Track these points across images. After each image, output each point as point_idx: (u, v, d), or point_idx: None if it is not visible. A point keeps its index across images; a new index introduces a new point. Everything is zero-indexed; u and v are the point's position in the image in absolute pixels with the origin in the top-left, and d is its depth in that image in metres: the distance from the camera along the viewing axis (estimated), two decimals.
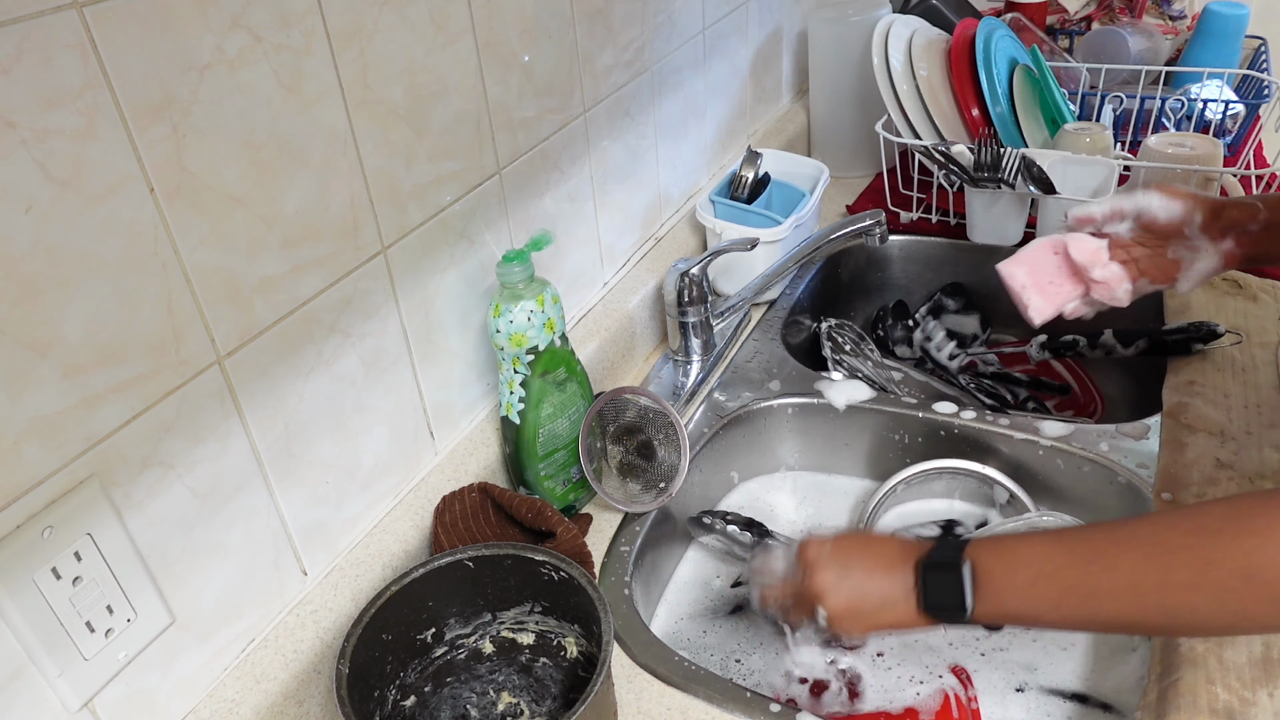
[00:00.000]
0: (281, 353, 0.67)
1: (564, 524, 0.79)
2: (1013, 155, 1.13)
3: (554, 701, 0.75)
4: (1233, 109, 1.37)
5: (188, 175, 0.57)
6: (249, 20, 0.59)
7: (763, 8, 1.39)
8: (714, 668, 0.84)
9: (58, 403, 0.53)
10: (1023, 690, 0.79)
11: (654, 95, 1.11)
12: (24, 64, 0.48)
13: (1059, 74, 1.38)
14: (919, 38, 1.28)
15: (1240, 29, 1.52)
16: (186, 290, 0.59)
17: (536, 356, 0.82)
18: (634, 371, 1.09)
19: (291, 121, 0.64)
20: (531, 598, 0.75)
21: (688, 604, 0.91)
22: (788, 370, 1.06)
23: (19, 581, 0.52)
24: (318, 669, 0.69)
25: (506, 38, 0.83)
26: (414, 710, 0.73)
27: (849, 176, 1.51)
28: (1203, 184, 1.13)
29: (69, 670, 0.55)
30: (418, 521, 0.80)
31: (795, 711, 0.69)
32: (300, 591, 0.72)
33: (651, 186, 1.15)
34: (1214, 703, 0.64)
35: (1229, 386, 0.94)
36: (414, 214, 0.77)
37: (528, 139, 0.89)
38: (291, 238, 0.65)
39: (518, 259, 0.80)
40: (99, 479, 0.55)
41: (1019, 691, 0.79)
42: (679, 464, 0.87)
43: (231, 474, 0.64)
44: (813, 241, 1.04)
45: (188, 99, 0.56)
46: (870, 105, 1.36)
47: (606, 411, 0.89)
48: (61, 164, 0.51)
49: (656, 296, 1.10)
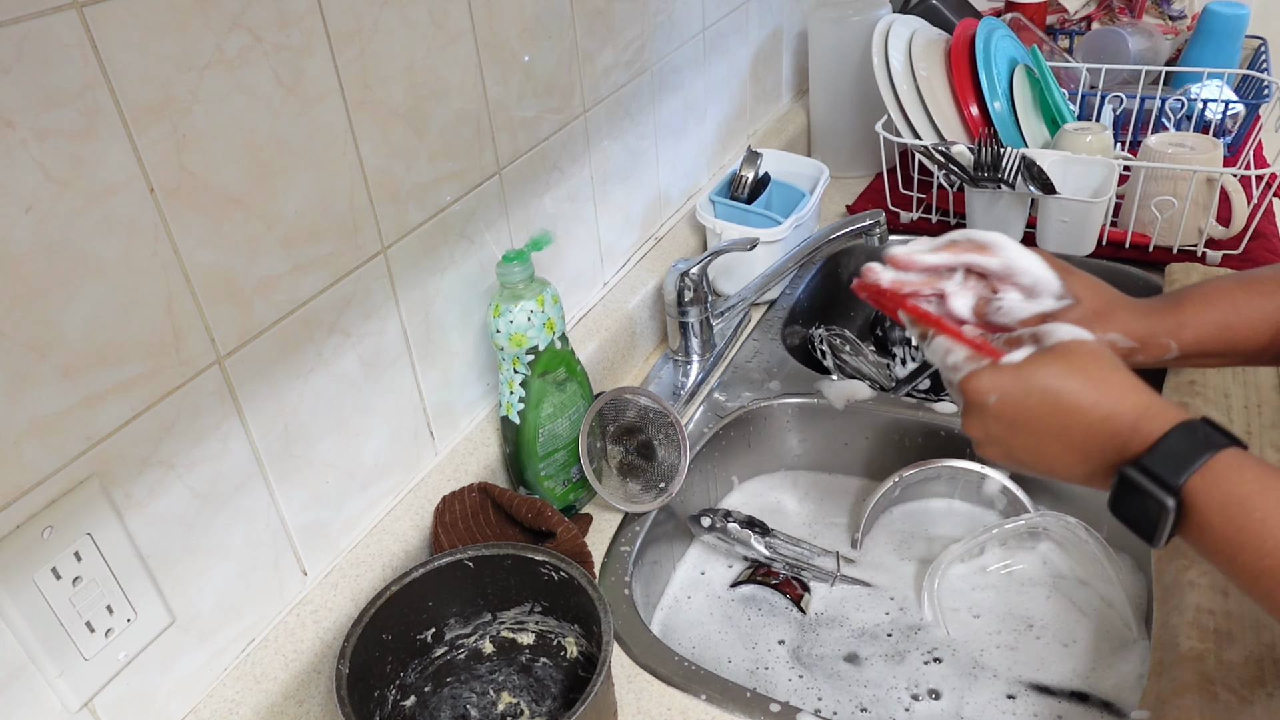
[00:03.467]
0: (281, 353, 0.67)
1: (564, 524, 0.79)
2: (1013, 155, 1.13)
3: (554, 701, 0.75)
4: (1233, 109, 1.37)
5: (188, 175, 0.57)
6: (249, 20, 0.59)
7: (763, 8, 1.39)
8: (714, 668, 0.84)
9: (58, 403, 0.53)
10: (1022, 688, 0.79)
11: (654, 95, 1.11)
12: (24, 64, 0.48)
13: (1059, 74, 1.38)
14: (919, 38, 1.28)
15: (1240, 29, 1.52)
16: (186, 290, 0.59)
17: (536, 356, 0.82)
18: (634, 371, 1.09)
19: (291, 121, 0.64)
20: (531, 598, 0.75)
21: (688, 604, 0.91)
22: (788, 370, 1.06)
23: (19, 581, 0.52)
24: (318, 669, 0.69)
25: (506, 38, 0.83)
26: (414, 710, 0.73)
27: (849, 176, 1.51)
28: (1203, 184, 1.13)
29: (69, 670, 0.55)
30: (418, 521, 0.80)
31: (795, 711, 0.69)
32: (300, 591, 0.72)
33: (651, 186, 1.15)
34: (1214, 702, 0.64)
35: (1229, 386, 0.94)
36: (414, 214, 0.77)
37: (528, 139, 0.89)
38: (291, 238, 0.65)
39: (518, 259, 0.80)
40: (99, 479, 0.55)
41: (1019, 689, 0.79)
42: (679, 464, 0.87)
43: (231, 474, 0.64)
44: (813, 241, 1.04)
45: (188, 99, 0.56)
46: (870, 105, 1.36)
47: (606, 411, 0.89)
48: (61, 164, 0.51)
49: (656, 296, 1.10)
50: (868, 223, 1.02)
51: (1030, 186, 1.13)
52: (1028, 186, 1.14)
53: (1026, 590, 0.88)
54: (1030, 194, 1.15)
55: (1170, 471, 0.51)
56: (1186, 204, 1.13)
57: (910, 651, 0.84)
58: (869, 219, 1.02)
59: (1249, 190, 1.18)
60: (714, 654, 0.86)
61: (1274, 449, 0.85)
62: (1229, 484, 0.50)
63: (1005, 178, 1.14)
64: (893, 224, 1.31)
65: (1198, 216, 1.15)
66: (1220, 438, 0.52)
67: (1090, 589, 0.86)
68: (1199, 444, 0.51)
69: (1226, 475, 0.50)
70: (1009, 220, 1.20)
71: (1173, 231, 1.17)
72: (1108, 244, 1.19)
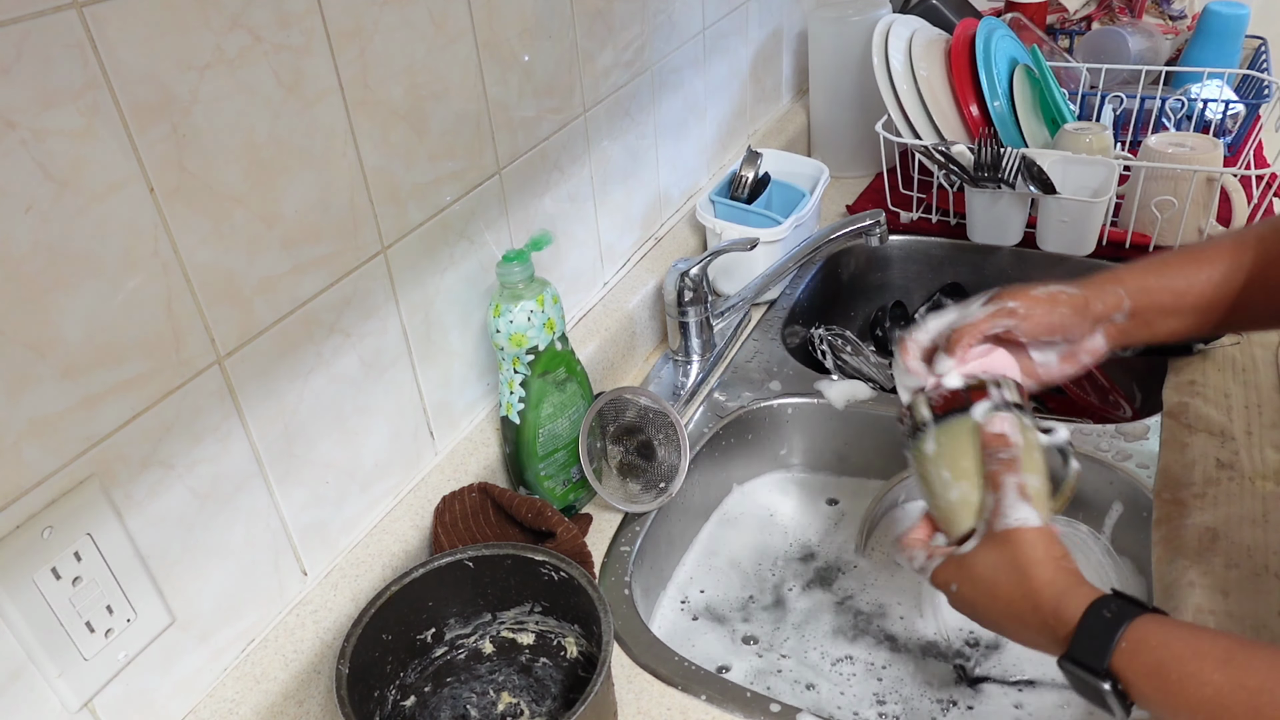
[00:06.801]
0: (281, 353, 0.67)
1: (564, 524, 0.79)
2: (1013, 155, 1.13)
3: (554, 701, 0.75)
4: (1233, 109, 1.37)
5: (188, 175, 0.57)
6: (249, 20, 0.59)
7: (763, 8, 1.39)
8: (714, 668, 0.84)
9: (58, 403, 0.53)
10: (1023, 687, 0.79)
11: (654, 95, 1.11)
12: (24, 64, 0.48)
13: (1059, 74, 1.38)
14: (919, 38, 1.28)
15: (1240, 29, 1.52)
16: (186, 290, 0.59)
17: (536, 356, 0.82)
18: (634, 371, 1.09)
19: (291, 121, 0.64)
20: (531, 598, 0.75)
21: (689, 604, 0.91)
22: (788, 370, 1.06)
23: (19, 581, 0.52)
24: (318, 669, 0.69)
25: (506, 38, 0.83)
26: (414, 710, 0.73)
27: (849, 176, 1.51)
28: (1203, 184, 1.13)
29: (69, 670, 0.55)
30: (418, 521, 0.80)
31: (795, 711, 0.69)
32: (300, 591, 0.72)
33: (651, 186, 1.15)
34: None
35: (1229, 386, 0.94)
36: (414, 214, 0.77)
37: (528, 139, 0.89)
38: (291, 238, 0.65)
39: (518, 259, 0.80)
40: (99, 479, 0.55)
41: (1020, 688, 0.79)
42: (679, 464, 0.87)
43: (231, 474, 0.64)
44: (813, 241, 1.04)
45: (188, 99, 0.56)
46: (870, 105, 1.36)
47: (606, 411, 0.89)
48: (61, 164, 0.51)
49: (656, 296, 1.10)
50: (868, 223, 1.02)
51: (1030, 186, 1.13)
52: (1028, 186, 1.14)
53: None
54: (1030, 194, 1.15)
55: (1094, 657, 0.54)
56: (1187, 204, 1.13)
57: (913, 652, 0.84)
58: (869, 219, 1.02)
59: (1249, 190, 1.18)
60: (715, 654, 0.86)
61: (1274, 449, 0.85)
62: (1145, 656, 0.53)
63: (1005, 178, 1.14)
64: (893, 224, 1.31)
65: (1198, 216, 1.15)
66: (1129, 609, 0.55)
67: None
68: (1110, 623, 0.55)
69: (1142, 648, 0.53)
70: (1009, 220, 1.20)
71: (1173, 231, 1.17)
72: (1108, 244, 1.19)
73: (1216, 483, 0.82)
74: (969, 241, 1.26)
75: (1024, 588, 0.59)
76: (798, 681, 0.83)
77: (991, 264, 1.28)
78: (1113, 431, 0.92)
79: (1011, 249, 1.25)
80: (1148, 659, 0.53)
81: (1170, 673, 0.52)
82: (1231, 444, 0.86)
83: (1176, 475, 0.84)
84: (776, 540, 0.98)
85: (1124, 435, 0.91)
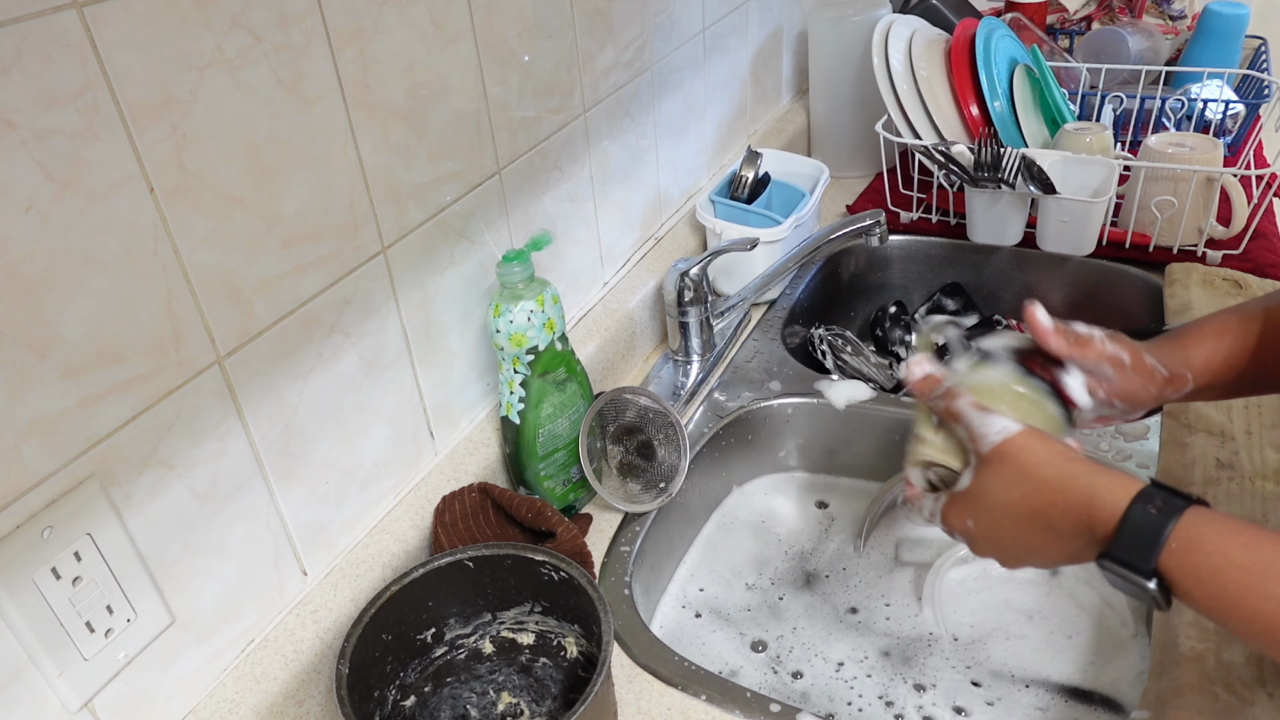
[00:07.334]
0: (281, 353, 0.67)
1: (564, 524, 0.79)
2: (1013, 155, 1.13)
3: (554, 701, 0.75)
4: (1233, 109, 1.37)
5: (188, 175, 0.57)
6: (249, 20, 0.59)
7: (763, 8, 1.39)
8: (714, 668, 0.84)
9: (58, 403, 0.53)
10: (1024, 685, 0.79)
11: (654, 95, 1.11)
12: (24, 64, 0.48)
13: (1059, 74, 1.38)
14: (919, 38, 1.28)
15: (1240, 29, 1.52)
16: (186, 290, 0.59)
17: (536, 356, 0.82)
18: (634, 371, 1.09)
19: (291, 121, 0.64)
20: (531, 598, 0.75)
21: (689, 604, 0.91)
22: (788, 370, 1.06)
23: (19, 581, 0.52)
24: (318, 669, 0.69)
25: (506, 38, 0.83)
26: (414, 710, 0.73)
27: (849, 176, 1.51)
28: (1203, 184, 1.13)
29: (69, 670, 0.55)
30: (418, 521, 0.80)
31: (795, 711, 0.69)
32: (300, 591, 0.72)
33: (651, 186, 1.15)
34: (1214, 702, 0.64)
35: None
36: (414, 214, 0.77)
37: (528, 139, 0.89)
38: (291, 238, 0.65)
39: (518, 259, 0.80)
40: (99, 479, 0.55)
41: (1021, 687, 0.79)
42: (679, 464, 0.87)
43: (231, 474, 0.64)
44: (813, 241, 1.04)
45: (188, 99, 0.56)
46: (870, 105, 1.36)
47: (606, 411, 0.89)
48: (61, 164, 0.51)
49: (656, 296, 1.10)
50: (868, 223, 1.02)
51: (1030, 186, 1.13)
52: (1028, 186, 1.14)
53: (1026, 588, 0.88)
54: (1030, 194, 1.15)
55: (1139, 556, 0.52)
56: (1187, 204, 1.13)
57: (912, 652, 0.84)
58: (869, 219, 1.02)
59: (1249, 190, 1.18)
60: (715, 654, 0.86)
61: (1274, 449, 0.85)
62: (1199, 559, 0.51)
63: (1005, 178, 1.14)
64: (893, 224, 1.31)
65: (1198, 216, 1.15)
66: (1176, 502, 0.52)
67: (1091, 588, 0.86)
68: (1157, 521, 0.52)
69: (1195, 550, 0.51)
70: (1009, 220, 1.20)
71: (1173, 231, 1.17)
72: (1108, 244, 1.19)
73: (1216, 483, 0.82)
74: (969, 241, 1.26)
75: (1042, 492, 0.57)
76: (798, 681, 0.83)
77: (991, 264, 1.29)
78: (1113, 431, 0.92)
79: (1011, 249, 1.25)
80: (1202, 563, 0.51)
81: (1227, 581, 0.50)
82: (1231, 444, 0.86)
83: (1176, 475, 0.84)
84: (777, 540, 0.98)
85: (1124, 435, 0.91)
